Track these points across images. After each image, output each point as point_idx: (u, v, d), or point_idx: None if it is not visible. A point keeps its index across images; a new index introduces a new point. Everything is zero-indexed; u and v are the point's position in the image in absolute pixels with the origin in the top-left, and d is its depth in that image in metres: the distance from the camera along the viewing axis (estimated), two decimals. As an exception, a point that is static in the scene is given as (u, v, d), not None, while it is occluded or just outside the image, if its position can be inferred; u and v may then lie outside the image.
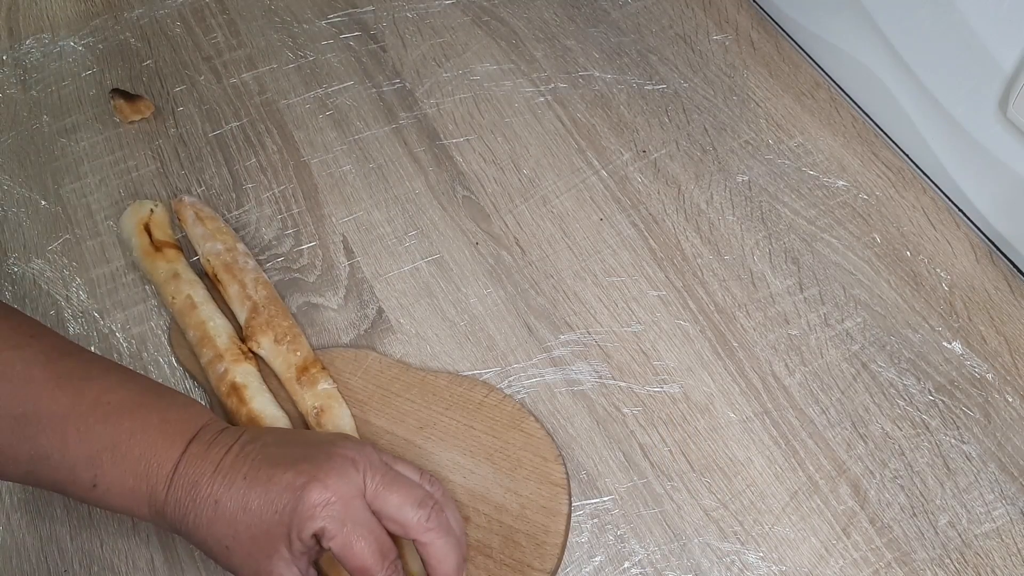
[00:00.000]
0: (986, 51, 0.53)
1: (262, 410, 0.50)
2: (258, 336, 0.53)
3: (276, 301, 0.55)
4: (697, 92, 0.67)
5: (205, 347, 0.52)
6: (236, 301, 0.55)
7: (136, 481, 0.41)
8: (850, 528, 0.49)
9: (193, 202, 0.59)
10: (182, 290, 0.54)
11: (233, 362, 0.52)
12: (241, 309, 0.54)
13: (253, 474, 0.41)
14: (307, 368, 0.52)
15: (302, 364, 0.52)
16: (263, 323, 0.53)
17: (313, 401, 0.51)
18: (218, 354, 0.52)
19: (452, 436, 0.51)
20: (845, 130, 0.65)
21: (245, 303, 0.54)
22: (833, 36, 0.67)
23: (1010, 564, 0.47)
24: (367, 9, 0.73)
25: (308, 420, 0.51)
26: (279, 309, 0.55)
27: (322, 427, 0.50)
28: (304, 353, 0.53)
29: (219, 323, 0.53)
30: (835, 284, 0.57)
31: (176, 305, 0.54)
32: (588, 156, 0.64)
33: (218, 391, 0.51)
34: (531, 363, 0.55)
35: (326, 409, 0.51)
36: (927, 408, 0.52)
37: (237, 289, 0.55)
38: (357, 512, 0.40)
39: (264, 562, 0.40)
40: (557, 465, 0.50)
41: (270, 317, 0.54)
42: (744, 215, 0.60)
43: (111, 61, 0.71)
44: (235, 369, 0.51)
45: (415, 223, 0.61)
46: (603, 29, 0.72)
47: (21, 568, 0.48)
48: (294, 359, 0.53)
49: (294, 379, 0.52)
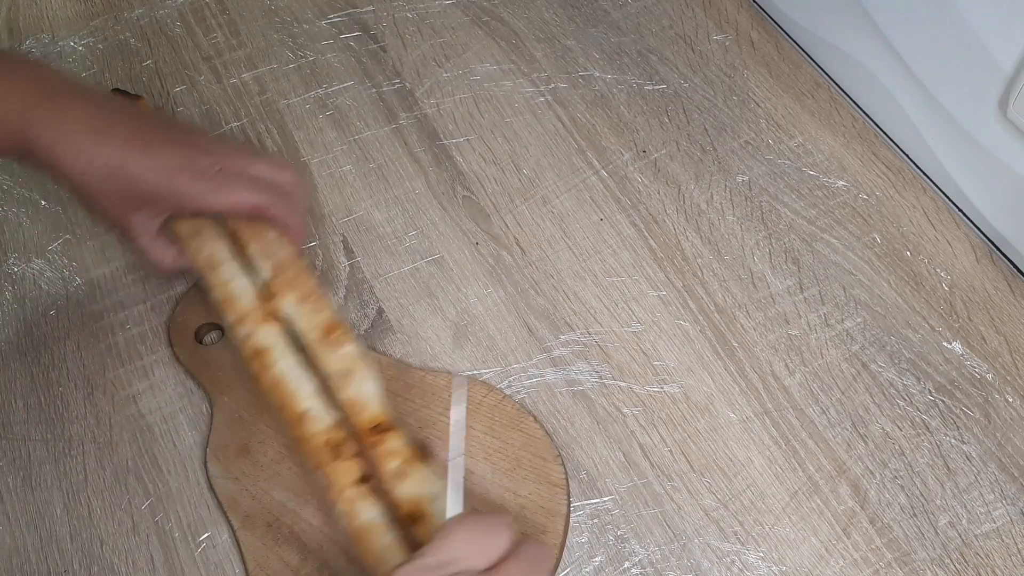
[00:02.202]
0: (986, 51, 0.53)
1: (285, 373, 0.47)
2: (282, 295, 0.50)
3: (299, 260, 0.52)
4: (697, 92, 0.67)
5: (228, 308, 0.50)
6: (259, 259, 0.51)
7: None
8: (850, 528, 0.49)
9: None
10: (204, 248, 0.52)
11: (257, 324, 0.49)
12: (264, 267, 0.51)
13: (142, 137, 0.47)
14: (332, 329, 0.49)
15: (327, 325, 0.49)
16: (287, 282, 0.50)
17: (338, 364, 0.48)
18: (241, 316, 0.49)
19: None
20: (845, 130, 0.65)
21: (268, 261, 0.51)
22: (833, 36, 0.67)
23: (1010, 564, 0.47)
24: (367, 9, 0.73)
25: (332, 384, 0.48)
26: (302, 268, 0.51)
27: (347, 390, 0.47)
28: (329, 314, 0.50)
29: (242, 283, 0.51)
30: (835, 284, 0.57)
31: (199, 263, 0.52)
32: (588, 156, 0.64)
33: (241, 354, 0.49)
34: (531, 363, 0.55)
35: (351, 372, 0.47)
36: (927, 408, 0.52)
37: (260, 247, 0.52)
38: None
39: (123, 217, 0.48)
40: (556, 465, 0.50)
41: (294, 276, 0.50)
42: (744, 215, 0.60)
43: (111, 61, 0.71)
44: (258, 331, 0.49)
45: (415, 223, 0.61)
46: (603, 29, 0.72)
47: (21, 568, 0.48)
48: (318, 319, 0.49)
49: (318, 340, 0.49)
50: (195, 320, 0.56)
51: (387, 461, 0.45)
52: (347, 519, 0.44)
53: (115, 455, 0.52)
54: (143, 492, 0.51)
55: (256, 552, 0.48)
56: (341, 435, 0.46)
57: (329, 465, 0.45)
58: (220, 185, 0.49)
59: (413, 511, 0.44)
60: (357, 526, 0.44)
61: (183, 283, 0.58)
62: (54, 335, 0.56)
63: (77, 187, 0.47)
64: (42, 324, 0.57)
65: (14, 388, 0.54)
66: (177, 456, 0.52)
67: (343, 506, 0.44)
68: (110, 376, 0.55)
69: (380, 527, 0.44)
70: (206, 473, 0.51)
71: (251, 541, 0.48)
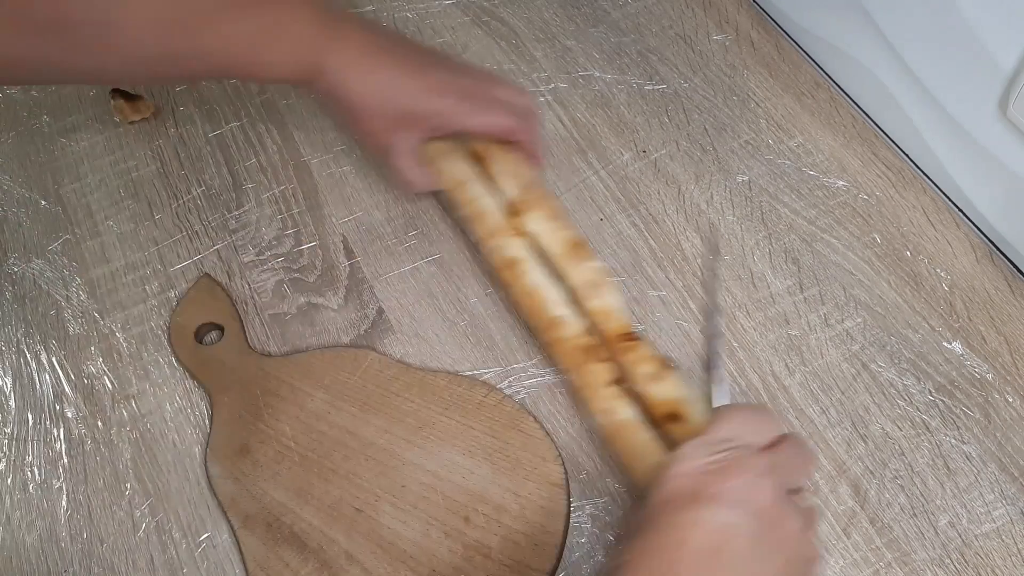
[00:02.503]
0: (986, 51, 0.53)
1: (537, 284, 0.50)
2: (530, 212, 0.52)
3: (542, 182, 0.56)
4: (697, 92, 0.67)
5: (478, 224, 0.53)
6: (507, 179, 0.54)
7: (294, 52, 0.50)
8: (850, 528, 0.49)
9: None
10: (454, 168, 0.55)
11: (507, 238, 0.52)
12: (512, 187, 0.54)
13: (415, 60, 0.52)
14: (577, 244, 0.52)
15: (572, 241, 0.52)
16: (534, 200, 0.53)
17: (585, 276, 0.51)
18: (491, 230, 0.53)
19: (451, 436, 0.51)
20: (845, 130, 0.65)
21: (515, 181, 0.54)
22: (833, 36, 0.67)
23: (1010, 564, 0.47)
24: (367, 9, 0.73)
25: (579, 295, 0.50)
26: (546, 190, 0.55)
27: (595, 300, 0.50)
28: (574, 231, 0.52)
29: (490, 201, 0.54)
30: (835, 284, 0.57)
31: (448, 182, 0.56)
32: (588, 156, 0.64)
33: (492, 265, 0.53)
34: (531, 363, 0.55)
35: (598, 284, 0.50)
36: (927, 408, 0.52)
37: (505, 167, 0.55)
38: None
39: (389, 137, 0.53)
40: (556, 465, 0.50)
41: (540, 195, 0.54)
42: (744, 215, 0.60)
43: (111, 61, 0.71)
44: (510, 244, 0.52)
45: (415, 223, 0.61)
46: (603, 29, 0.72)
47: (21, 568, 0.48)
48: (564, 235, 0.52)
49: (565, 255, 0.51)
50: (195, 320, 0.56)
51: (640, 365, 0.47)
52: (604, 416, 0.47)
53: (115, 455, 0.52)
54: (143, 492, 0.51)
55: (256, 552, 0.48)
56: (592, 340, 0.48)
57: (584, 366, 0.48)
58: (479, 106, 0.53)
59: (670, 412, 0.46)
60: (615, 423, 0.46)
61: (183, 284, 0.58)
62: (54, 335, 0.56)
63: (356, 107, 0.52)
64: (42, 324, 0.57)
65: (14, 388, 0.54)
66: (177, 456, 0.52)
67: (600, 404, 0.47)
68: (110, 376, 0.55)
69: (637, 425, 0.46)
70: (206, 473, 0.51)
71: (251, 541, 0.48)
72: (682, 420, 0.46)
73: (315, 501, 0.49)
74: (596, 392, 0.47)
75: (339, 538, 0.48)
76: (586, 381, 0.48)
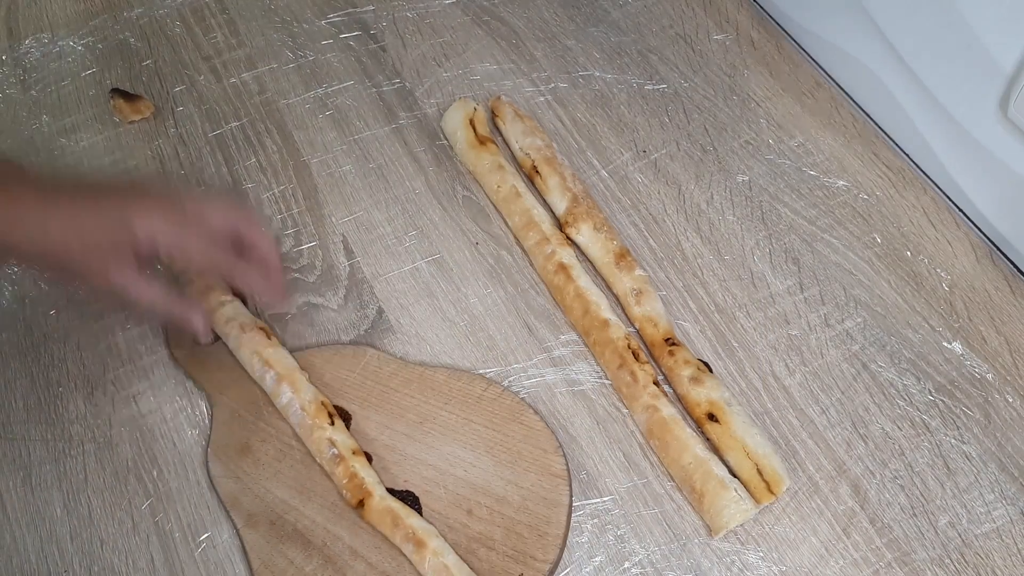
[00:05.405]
0: (986, 51, 0.53)
1: (587, 287, 0.55)
2: (579, 223, 0.57)
3: (590, 195, 0.59)
4: (697, 92, 0.67)
5: (531, 231, 0.58)
6: (556, 192, 0.59)
7: None
8: (850, 528, 0.49)
9: (510, 101, 0.65)
10: (507, 180, 0.60)
11: (559, 244, 0.56)
12: (561, 199, 0.59)
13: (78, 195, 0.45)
14: (624, 255, 0.56)
15: (619, 251, 0.56)
16: (584, 212, 0.58)
17: (631, 284, 0.55)
18: (544, 237, 0.57)
19: (452, 430, 0.51)
20: (845, 130, 0.65)
21: (566, 193, 0.59)
22: (833, 36, 0.67)
23: (1010, 564, 0.47)
24: (367, 9, 0.73)
25: (624, 301, 0.55)
26: (594, 202, 0.59)
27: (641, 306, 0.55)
28: (619, 242, 0.57)
29: (541, 211, 0.58)
30: (835, 284, 0.57)
31: (501, 193, 0.59)
32: (588, 156, 0.64)
33: (544, 269, 0.57)
34: (531, 363, 0.55)
35: (643, 292, 0.55)
36: (927, 408, 0.52)
37: (558, 181, 0.59)
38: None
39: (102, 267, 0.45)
40: (557, 456, 0.50)
41: (589, 208, 0.58)
42: (744, 215, 0.60)
43: (111, 61, 0.71)
44: (561, 251, 0.56)
45: (415, 223, 0.61)
46: (603, 29, 0.72)
47: (21, 568, 0.48)
48: (611, 246, 0.57)
49: (612, 263, 0.56)
50: (195, 320, 0.56)
51: (682, 368, 0.52)
52: (650, 412, 0.51)
53: (115, 455, 0.52)
54: (143, 492, 0.51)
55: (260, 550, 0.48)
56: (636, 343, 0.53)
57: (633, 364, 0.52)
58: None
59: (708, 412, 0.50)
60: (662, 418, 0.50)
61: (183, 283, 0.58)
62: (54, 335, 0.56)
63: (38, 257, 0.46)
64: (42, 324, 0.57)
65: (14, 388, 0.54)
66: (177, 456, 0.52)
67: (648, 400, 0.51)
68: (110, 376, 0.55)
69: (680, 421, 0.50)
70: (207, 473, 0.51)
71: (255, 539, 0.48)
72: (720, 421, 0.50)
73: (318, 498, 0.49)
74: (645, 389, 0.51)
75: (343, 534, 0.48)
76: (637, 378, 0.51)
